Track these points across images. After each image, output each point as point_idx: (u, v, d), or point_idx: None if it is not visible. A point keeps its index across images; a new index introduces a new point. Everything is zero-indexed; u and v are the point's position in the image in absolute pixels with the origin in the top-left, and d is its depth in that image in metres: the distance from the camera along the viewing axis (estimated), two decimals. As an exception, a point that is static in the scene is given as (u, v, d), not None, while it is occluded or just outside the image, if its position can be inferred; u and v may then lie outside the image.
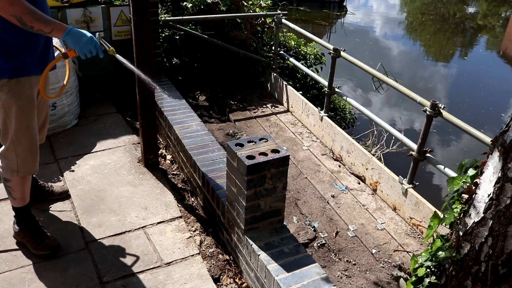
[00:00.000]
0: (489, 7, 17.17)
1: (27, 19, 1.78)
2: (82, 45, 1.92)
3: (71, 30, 1.91)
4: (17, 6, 1.75)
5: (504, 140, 1.69)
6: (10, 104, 2.00)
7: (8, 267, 2.23)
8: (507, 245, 1.77)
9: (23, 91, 2.01)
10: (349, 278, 2.62)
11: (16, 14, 1.75)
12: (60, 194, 2.73)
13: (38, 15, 1.80)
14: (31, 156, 2.16)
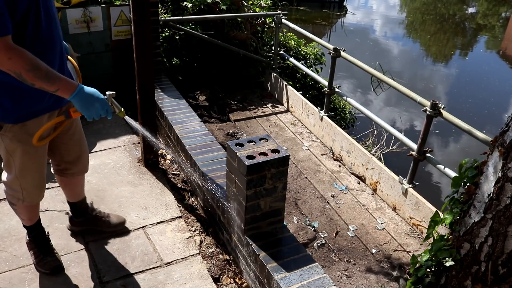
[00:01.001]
0: (489, 6, 17.17)
1: (28, 77, 1.53)
2: (92, 111, 1.68)
3: (81, 92, 1.64)
4: (17, 61, 1.49)
5: (504, 140, 1.69)
6: (13, 148, 1.82)
7: (8, 267, 2.23)
8: (507, 245, 1.77)
9: (30, 134, 1.79)
10: (349, 278, 2.62)
11: (15, 70, 1.50)
12: (116, 226, 2.47)
13: (41, 72, 1.54)
14: (37, 189, 2.02)
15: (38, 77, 1.54)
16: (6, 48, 1.46)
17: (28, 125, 1.78)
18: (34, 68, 1.52)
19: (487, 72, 9.43)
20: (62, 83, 1.60)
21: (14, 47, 1.48)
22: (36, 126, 1.79)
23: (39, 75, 1.54)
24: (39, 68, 1.53)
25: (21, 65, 1.50)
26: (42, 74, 1.54)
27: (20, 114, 1.74)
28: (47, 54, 1.68)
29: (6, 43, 1.46)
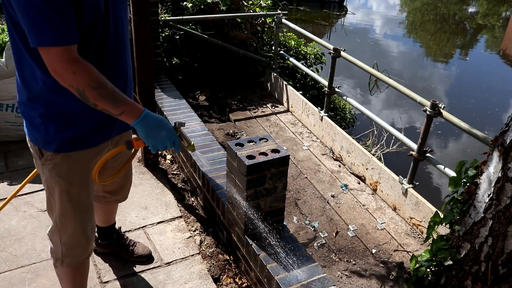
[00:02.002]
0: (489, 6, 17.17)
1: (92, 96, 1.31)
2: (158, 140, 1.44)
3: (147, 117, 1.41)
4: (81, 76, 1.28)
5: (504, 140, 1.69)
6: (53, 184, 1.56)
7: (8, 267, 2.23)
8: (507, 245, 1.77)
9: (73, 170, 1.55)
10: (349, 278, 2.62)
11: (79, 86, 1.29)
12: (140, 257, 2.30)
13: (107, 91, 1.33)
14: (79, 245, 1.70)
15: (103, 97, 1.32)
16: (71, 60, 1.26)
17: (71, 157, 1.52)
18: (100, 86, 1.31)
19: (488, 73, 9.42)
20: (128, 105, 1.38)
21: (79, 60, 1.28)
22: (80, 161, 1.55)
23: (104, 94, 1.32)
24: (105, 86, 1.32)
25: (85, 81, 1.29)
26: (107, 93, 1.33)
27: (64, 141, 1.49)
28: (111, 72, 1.46)
29: (72, 54, 1.26)
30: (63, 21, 1.21)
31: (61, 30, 1.21)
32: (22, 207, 2.64)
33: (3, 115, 3.19)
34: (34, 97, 1.43)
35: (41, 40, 1.21)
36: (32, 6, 1.17)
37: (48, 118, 1.45)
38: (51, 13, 1.18)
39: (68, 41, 1.24)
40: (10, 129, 3.26)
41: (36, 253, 2.32)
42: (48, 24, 1.19)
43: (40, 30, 1.20)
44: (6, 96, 3.14)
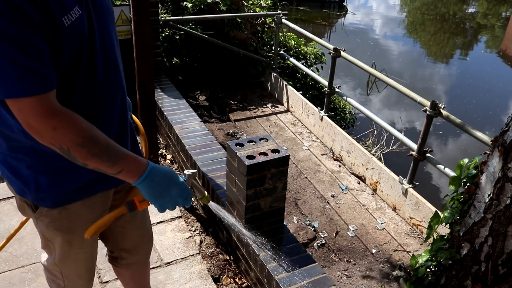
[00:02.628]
0: (489, 6, 17.17)
1: (80, 154, 1.04)
2: (167, 200, 1.17)
3: (152, 174, 1.13)
4: (64, 132, 1.01)
5: (504, 140, 1.69)
6: (51, 236, 1.36)
7: (8, 267, 2.23)
8: (507, 245, 1.77)
9: (74, 221, 1.31)
10: (349, 278, 2.62)
11: (62, 145, 1.02)
12: None
13: (99, 147, 1.05)
14: (84, 280, 1.54)
15: (94, 155, 1.05)
16: (49, 113, 0.98)
17: (70, 209, 1.28)
18: (89, 142, 1.03)
19: (489, 73, 9.41)
20: (126, 162, 1.10)
21: (60, 111, 1.00)
22: (82, 211, 1.30)
23: (95, 151, 1.04)
24: (95, 141, 1.05)
25: (70, 137, 1.01)
26: (100, 149, 1.05)
27: (59, 195, 1.24)
28: (102, 116, 1.20)
29: (49, 105, 0.98)
30: (34, 63, 0.94)
31: (33, 76, 0.95)
32: (22, 207, 2.64)
33: (3, 115, 3.18)
34: (17, 147, 1.16)
35: (7, 90, 0.95)
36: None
37: (38, 171, 1.19)
38: (18, 55, 0.92)
39: (43, 88, 0.97)
40: (10, 129, 3.26)
41: (36, 253, 2.32)
42: (15, 68, 0.92)
43: (6, 77, 0.93)
44: (6, 96, 3.14)
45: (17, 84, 0.94)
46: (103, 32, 1.15)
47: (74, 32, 1.03)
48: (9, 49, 0.91)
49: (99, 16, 1.12)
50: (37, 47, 0.94)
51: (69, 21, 1.00)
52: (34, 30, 0.93)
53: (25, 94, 0.95)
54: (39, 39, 0.94)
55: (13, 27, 0.90)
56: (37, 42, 0.94)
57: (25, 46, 0.92)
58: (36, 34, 0.93)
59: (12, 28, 0.90)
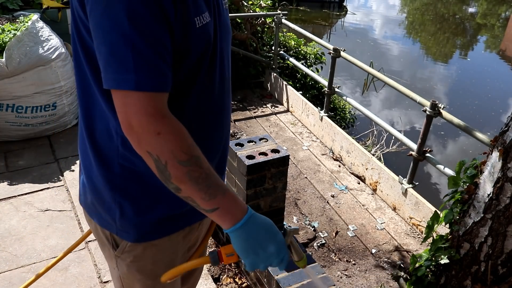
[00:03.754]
0: (489, 6, 17.18)
1: (177, 173, 0.85)
2: (262, 257, 0.94)
3: (250, 222, 0.93)
4: (167, 142, 0.84)
5: (503, 140, 1.69)
6: (132, 282, 1.15)
7: (8, 267, 2.23)
8: (507, 245, 1.77)
9: (158, 262, 1.12)
10: (349, 278, 2.62)
11: (160, 156, 0.84)
12: None
13: (201, 171, 0.87)
14: None
15: (193, 179, 0.86)
16: (156, 115, 0.83)
17: (157, 246, 1.09)
18: (192, 161, 0.86)
19: (490, 73, 9.41)
20: (225, 199, 0.90)
21: (168, 116, 0.85)
22: (168, 248, 1.11)
23: (195, 174, 0.86)
24: (198, 163, 0.87)
25: (172, 149, 0.84)
26: (200, 174, 0.87)
27: (148, 227, 1.05)
28: (209, 139, 1.07)
29: (158, 106, 0.84)
30: (156, 58, 0.83)
31: (152, 69, 0.83)
32: (22, 207, 2.64)
33: (3, 115, 3.19)
34: (106, 161, 1.00)
35: (118, 79, 0.82)
36: (116, 29, 0.80)
37: (126, 194, 1.02)
38: (143, 44, 0.81)
39: (158, 85, 0.84)
40: (10, 129, 3.26)
41: (36, 253, 2.32)
42: (135, 57, 0.81)
43: (121, 64, 0.81)
44: (6, 96, 3.14)
45: (132, 73, 0.81)
46: (223, 47, 1.07)
47: (202, 36, 0.94)
48: (136, 36, 0.81)
49: (221, 31, 1.05)
50: (163, 43, 0.85)
51: (200, 23, 0.92)
52: (165, 25, 0.85)
53: (137, 87, 0.81)
54: (167, 36, 0.85)
55: (148, 17, 0.81)
56: (164, 38, 0.85)
57: (152, 38, 0.83)
58: (165, 30, 0.85)
59: (147, 17, 0.81)
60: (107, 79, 0.83)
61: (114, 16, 0.80)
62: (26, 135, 3.35)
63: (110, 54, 0.82)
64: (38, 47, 3.16)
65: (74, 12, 0.91)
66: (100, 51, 0.84)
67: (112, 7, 0.80)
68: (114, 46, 0.81)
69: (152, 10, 0.81)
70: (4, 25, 3.19)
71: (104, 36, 0.82)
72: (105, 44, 0.82)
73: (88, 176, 1.06)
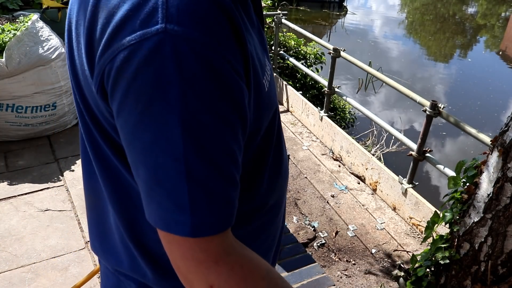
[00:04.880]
0: (489, 6, 17.18)
1: None
2: None
3: None
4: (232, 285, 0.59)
5: (503, 140, 1.69)
6: None
7: (8, 267, 2.23)
8: (507, 245, 1.77)
9: None
10: (348, 277, 2.62)
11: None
12: None
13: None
14: None
15: None
16: (210, 262, 0.59)
17: None
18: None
19: (492, 74, 9.40)
20: None
21: (226, 259, 0.60)
22: None
23: None
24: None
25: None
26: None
27: None
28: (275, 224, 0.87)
29: (214, 249, 0.59)
30: (222, 185, 0.58)
31: (214, 205, 0.58)
32: (22, 207, 2.64)
33: (2, 115, 3.19)
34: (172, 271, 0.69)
35: (167, 219, 0.57)
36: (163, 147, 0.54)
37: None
38: (203, 169, 0.55)
39: (222, 225, 0.59)
40: (10, 129, 3.26)
41: (36, 253, 2.32)
42: (192, 191, 0.55)
43: (170, 200, 0.56)
44: (6, 96, 3.14)
45: (188, 214, 0.56)
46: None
47: (271, 99, 0.72)
48: (194, 158, 0.54)
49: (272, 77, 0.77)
50: (235, 158, 0.59)
51: (268, 85, 0.68)
52: (239, 126, 0.58)
53: (194, 233, 0.56)
54: (238, 141, 0.59)
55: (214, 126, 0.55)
56: (236, 149, 0.59)
57: (221, 158, 0.56)
58: (238, 134, 0.59)
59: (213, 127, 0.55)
60: (151, 213, 0.59)
61: (158, 125, 0.53)
62: (26, 135, 3.35)
63: (153, 181, 0.56)
64: (38, 47, 3.16)
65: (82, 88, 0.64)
66: (137, 172, 0.58)
67: (153, 110, 0.53)
68: (159, 170, 0.55)
69: (218, 111, 0.54)
70: (4, 25, 3.19)
71: (143, 154, 0.55)
72: (145, 166, 0.56)
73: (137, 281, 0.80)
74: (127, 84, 0.52)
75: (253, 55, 0.61)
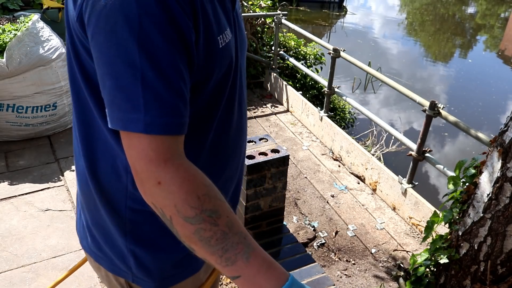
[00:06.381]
0: (488, 6, 17.19)
1: (183, 231, 0.70)
2: None
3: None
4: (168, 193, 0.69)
5: (503, 140, 1.70)
6: None
7: (9, 266, 2.23)
8: (506, 245, 1.78)
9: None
10: (348, 277, 2.63)
11: (163, 209, 0.70)
12: None
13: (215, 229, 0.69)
14: None
15: (204, 240, 0.70)
16: (159, 161, 0.69)
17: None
18: (202, 217, 0.69)
19: (493, 75, 9.39)
20: (250, 267, 0.71)
21: (175, 162, 0.70)
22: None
23: (207, 234, 0.69)
24: (212, 218, 0.70)
25: (175, 202, 0.69)
26: (214, 234, 0.70)
27: (168, 271, 0.94)
28: (228, 167, 0.97)
29: (163, 150, 0.70)
30: (171, 93, 0.70)
31: (164, 107, 0.69)
32: (23, 207, 2.64)
33: (3, 115, 3.19)
34: (114, 204, 0.88)
35: (125, 119, 0.69)
36: (123, 57, 0.68)
37: (139, 240, 0.90)
38: (154, 75, 0.68)
39: (173, 128, 0.70)
40: (11, 129, 3.27)
41: (36, 253, 2.32)
42: (145, 91, 0.68)
43: (129, 100, 0.69)
44: (6, 96, 3.15)
45: (141, 112, 0.68)
46: (242, 64, 0.93)
47: (225, 56, 0.82)
48: (148, 66, 0.68)
49: (241, 46, 0.92)
50: (180, 75, 0.71)
51: (223, 43, 0.81)
52: (184, 52, 0.71)
53: (147, 129, 0.68)
54: (185, 66, 0.72)
55: (163, 43, 0.68)
56: (182, 68, 0.71)
57: (168, 69, 0.69)
58: (184, 59, 0.72)
59: (161, 43, 0.68)
60: (112, 117, 0.71)
61: (121, 42, 0.67)
62: (27, 135, 3.36)
63: (115, 88, 0.69)
64: (38, 47, 3.16)
65: (70, 27, 0.78)
66: (104, 84, 0.71)
67: (118, 31, 0.67)
68: (120, 78, 0.69)
69: (168, 35, 0.68)
70: (4, 26, 3.20)
71: (108, 66, 0.69)
72: (110, 75, 0.69)
73: (93, 219, 0.93)
74: (99, 12, 0.68)
75: (207, 10, 0.76)
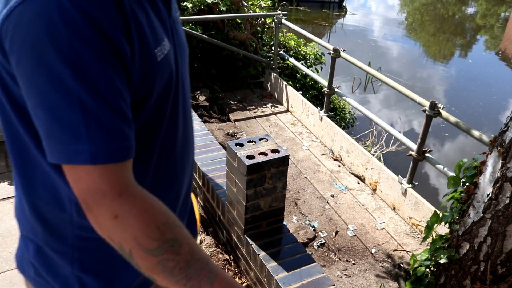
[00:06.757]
0: (488, 6, 17.19)
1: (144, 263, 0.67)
2: None
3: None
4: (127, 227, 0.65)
5: (503, 140, 1.70)
6: None
7: (9, 266, 2.23)
8: (506, 245, 1.78)
9: None
10: (348, 277, 2.63)
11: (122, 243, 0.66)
12: None
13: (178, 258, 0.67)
14: None
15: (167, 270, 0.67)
16: (114, 193, 0.65)
17: None
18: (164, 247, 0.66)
19: (493, 75, 9.39)
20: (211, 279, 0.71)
21: (130, 192, 0.67)
22: None
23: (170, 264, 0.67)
24: (174, 248, 0.67)
25: (135, 235, 0.65)
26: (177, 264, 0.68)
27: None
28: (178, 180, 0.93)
29: (118, 180, 0.66)
30: (113, 115, 0.64)
31: (109, 132, 0.64)
32: (23, 207, 2.64)
33: (3, 115, 3.19)
34: (58, 233, 0.82)
35: (68, 152, 0.63)
36: (55, 85, 0.61)
37: (86, 267, 0.84)
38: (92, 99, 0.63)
39: (121, 153, 0.66)
40: (11, 129, 3.26)
41: (36, 253, 2.32)
42: (85, 119, 0.62)
43: (68, 131, 0.62)
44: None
45: (84, 142, 0.62)
46: (183, 72, 0.87)
47: (164, 69, 0.77)
48: (83, 90, 0.62)
49: (181, 54, 0.86)
50: (119, 94, 0.65)
51: (162, 55, 0.75)
52: (121, 71, 0.66)
53: (93, 159, 0.63)
54: (123, 84, 0.66)
55: (95, 62, 0.62)
56: (121, 88, 0.66)
57: (105, 90, 0.63)
58: (122, 78, 0.66)
59: (94, 63, 0.62)
60: (52, 151, 0.64)
61: (51, 69, 0.60)
62: (26, 135, 3.35)
63: (52, 120, 0.62)
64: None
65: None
66: (38, 116, 0.64)
67: (47, 57, 0.60)
68: (56, 108, 0.61)
69: (100, 52, 0.62)
70: None
71: (41, 96, 0.62)
72: (43, 106, 0.62)
73: (33, 242, 0.85)
74: (23, 37, 0.61)
75: (141, 23, 0.70)
